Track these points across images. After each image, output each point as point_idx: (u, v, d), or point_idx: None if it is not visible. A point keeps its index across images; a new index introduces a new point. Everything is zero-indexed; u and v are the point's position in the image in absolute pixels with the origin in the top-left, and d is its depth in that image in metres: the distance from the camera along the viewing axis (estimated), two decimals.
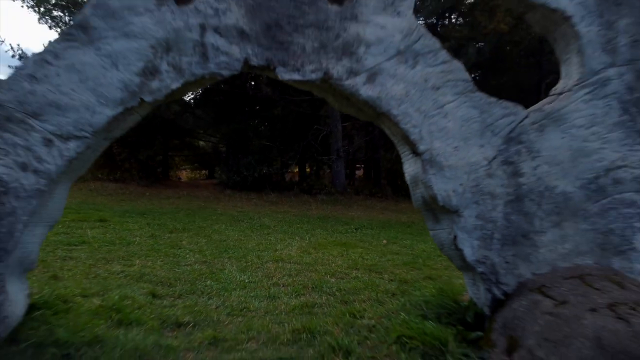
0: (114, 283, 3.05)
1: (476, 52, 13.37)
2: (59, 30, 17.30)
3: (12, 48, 15.42)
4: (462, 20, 14.75)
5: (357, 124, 14.85)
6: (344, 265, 4.16)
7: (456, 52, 13.27)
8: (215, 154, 24.17)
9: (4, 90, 1.84)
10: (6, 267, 1.83)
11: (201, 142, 24.24)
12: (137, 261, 3.96)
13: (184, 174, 27.60)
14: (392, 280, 3.55)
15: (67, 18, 17.39)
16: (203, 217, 7.82)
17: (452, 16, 15.12)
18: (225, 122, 15.41)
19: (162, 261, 4.05)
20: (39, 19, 17.38)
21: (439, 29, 14.39)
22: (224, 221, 7.44)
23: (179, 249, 4.75)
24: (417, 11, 14.15)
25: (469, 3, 14.01)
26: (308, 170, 20.03)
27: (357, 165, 20.50)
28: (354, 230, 7.15)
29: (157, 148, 16.05)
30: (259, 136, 14.99)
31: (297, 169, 18.39)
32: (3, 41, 15.92)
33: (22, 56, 15.47)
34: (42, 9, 17.19)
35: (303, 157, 16.06)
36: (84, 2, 17.25)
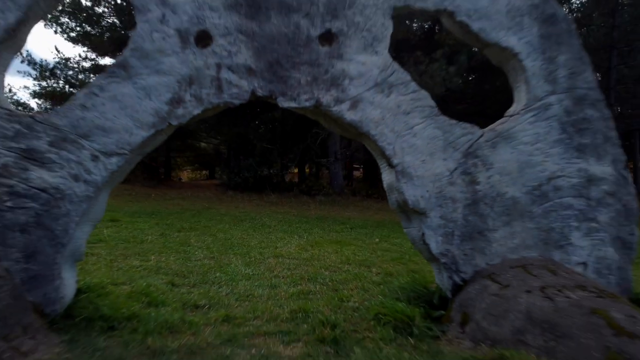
0: (136, 275, 3.51)
1: (468, 58, 13.84)
2: (65, 36, 17.68)
3: (20, 54, 15.78)
4: None
5: None
6: (337, 260, 4.63)
7: (450, 58, 13.73)
8: (216, 155, 24.61)
9: (60, 117, 2.30)
10: (62, 257, 2.30)
11: (202, 144, 24.74)
12: (152, 257, 4.42)
13: (185, 174, 28.04)
14: (379, 273, 4.01)
15: (72, 24, 17.78)
16: (207, 217, 8.29)
17: None
18: (227, 124, 15.88)
19: (174, 257, 4.52)
20: (45, 25, 17.76)
21: (435, 35, 14.83)
22: (227, 221, 7.91)
23: (188, 246, 5.22)
24: (412, 17, 14.61)
25: None
26: (308, 170, 20.50)
27: (355, 166, 20.96)
28: (349, 230, 7.62)
29: (160, 149, 16.54)
30: (259, 139, 15.43)
31: (296, 171, 18.86)
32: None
33: (31, 62, 15.93)
34: (49, 16, 17.44)
35: (302, 159, 16.55)
36: (88, 8, 17.59)
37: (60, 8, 17.42)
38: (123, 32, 16.48)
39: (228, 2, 2.37)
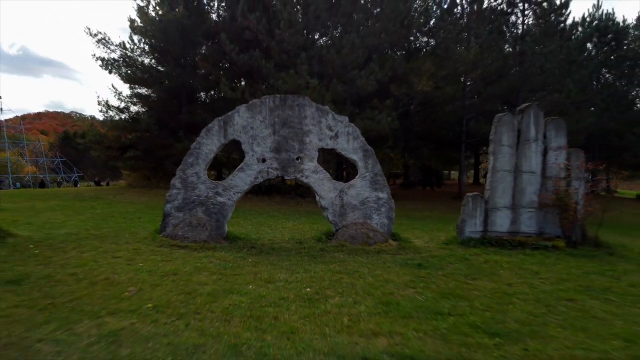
0: (234, 231, 9.29)
1: (409, 103, 19.61)
2: (119, 76, 23.31)
3: (99, 103, 21.45)
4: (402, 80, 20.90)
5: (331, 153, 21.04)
6: (309, 229, 10.43)
7: (396, 102, 19.48)
8: (227, 161, 30.22)
9: (225, 182, 8.09)
10: (225, 221, 8.10)
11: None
12: (230, 228, 10.20)
13: None
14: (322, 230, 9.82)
15: (125, 70, 23.32)
16: (242, 212, 14.09)
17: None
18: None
19: (237, 227, 10.30)
20: (101, 66, 23.40)
21: (390, 87, 20.51)
22: (253, 214, 13.72)
23: (241, 225, 11.01)
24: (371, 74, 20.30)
25: (406, 69, 20.19)
26: None
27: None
28: (322, 218, 13.40)
29: None
30: None
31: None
32: (99, 99, 21.88)
33: (107, 105, 21.65)
34: (109, 66, 22.98)
35: None
36: (137, 59, 23.16)
37: (120, 61, 23.01)
38: (165, 77, 22.15)
39: (271, 149, 8.17)
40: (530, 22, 23.14)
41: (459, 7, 23.38)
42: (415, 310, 4.24)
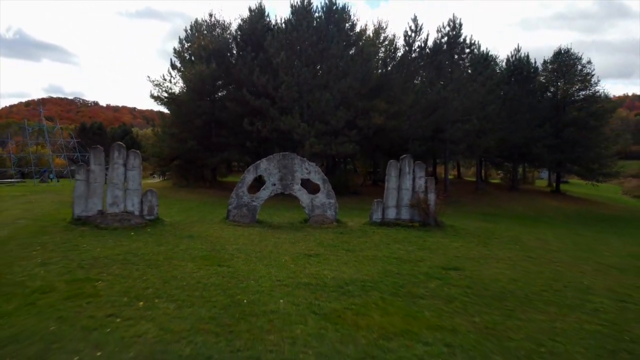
0: (259, 218, 17.16)
1: (369, 130, 27.32)
2: (167, 110, 30.87)
3: (152, 128, 28.99)
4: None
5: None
6: (298, 217, 18.19)
7: (360, 131, 27.21)
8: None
9: (256, 196, 15.95)
10: (257, 214, 15.98)
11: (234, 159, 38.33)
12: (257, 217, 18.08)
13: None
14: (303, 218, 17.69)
15: (172, 105, 30.81)
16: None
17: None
18: (249, 154, 29.34)
19: (260, 216, 18.15)
20: (152, 100, 30.89)
21: (355, 120, 28.10)
22: (267, 208, 21.55)
23: (261, 215, 18.86)
24: (341, 117, 27.89)
25: (366, 107, 27.69)
26: None
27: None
28: (303, 212, 21.32)
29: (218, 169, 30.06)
30: None
31: None
32: (150, 124, 29.35)
33: (158, 130, 29.19)
34: (154, 99, 30.51)
35: None
36: (179, 95, 30.89)
37: (163, 96, 30.50)
38: (202, 112, 29.67)
39: (278, 179, 15.97)
40: (459, 70, 30.72)
41: (409, 57, 30.89)
42: (328, 245, 12.14)
